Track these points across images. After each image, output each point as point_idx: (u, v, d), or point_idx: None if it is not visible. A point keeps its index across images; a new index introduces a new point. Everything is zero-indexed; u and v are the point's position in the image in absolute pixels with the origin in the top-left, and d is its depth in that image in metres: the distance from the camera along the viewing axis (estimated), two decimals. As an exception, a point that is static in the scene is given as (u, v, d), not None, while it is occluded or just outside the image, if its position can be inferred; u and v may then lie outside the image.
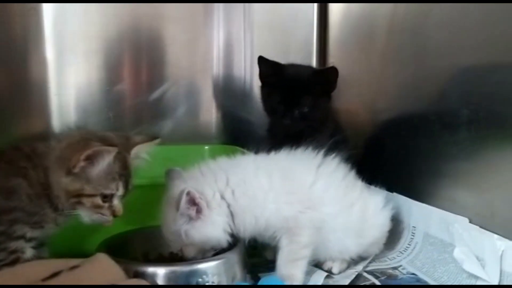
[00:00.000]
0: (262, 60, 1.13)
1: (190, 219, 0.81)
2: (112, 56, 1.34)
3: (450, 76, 0.93)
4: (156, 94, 1.39)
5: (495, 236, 0.77)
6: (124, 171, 0.80)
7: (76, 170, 0.75)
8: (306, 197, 0.87)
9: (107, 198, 0.79)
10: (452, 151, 0.90)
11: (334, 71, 1.12)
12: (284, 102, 1.08)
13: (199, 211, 0.81)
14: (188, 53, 1.41)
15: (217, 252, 0.85)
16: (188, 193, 0.79)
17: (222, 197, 0.84)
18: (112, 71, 1.35)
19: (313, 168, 0.91)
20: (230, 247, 0.85)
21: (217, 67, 1.44)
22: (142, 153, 0.86)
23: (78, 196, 0.77)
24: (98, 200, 0.78)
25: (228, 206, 0.84)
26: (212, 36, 1.42)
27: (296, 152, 0.94)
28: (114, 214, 0.80)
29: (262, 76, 1.15)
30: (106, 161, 0.76)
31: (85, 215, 0.79)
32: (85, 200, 0.77)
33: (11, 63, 1.24)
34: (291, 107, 1.08)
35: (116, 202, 0.80)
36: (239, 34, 1.45)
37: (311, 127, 1.09)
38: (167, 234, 0.85)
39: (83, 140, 0.78)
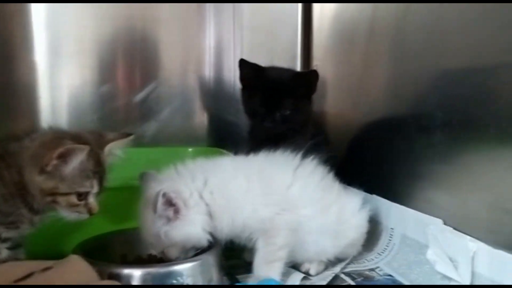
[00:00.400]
0: (243, 63, 1.14)
1: (169, 220, 0.81)
2: (103, 58, 1.35)
3: (427, 80, 0.93)
4: (140, 96, 1.39)
5: (468, 237, 0.78)
6: (97, 168, 0.80)
7: (49, 168, 0.75)
8: (283, 199, 0.88)
9: (82, 196, 0.78)
10: (428, 153, 0.91)
11: (314, 74, 1.13)
12: (265, 105, 1.09)
13: (176, 211, 0.81)
14: (178, 55, 1.43)
15: (197, 252, 0.85)
16: (164, 194, 0.79)
17: (201, 197, 0.85)
18: (101, 73, 1.35)
19: (290, 170, 0.92)
20: (207, 248, 0.86)
21: (206, 70, 1.45)
22: (116, 150, 0.86)
23: (52, 195, 0.77)
24: (73, 199, 0.78)
25: (207, 205, 0.85)
26: (203, 39, 1.43)
27: (275, 155, 0.94)
28: (90, 212, 0.80)
29: (242, 79, 1.15)
30: (78, 159, 0.76)
31: (63, 213, 0.79)
32: (60, 199, 0.77)
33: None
34: (272, 109, 1.08)
35: (91, 200, 0.80)
36: (229, 37, 1.46)
37: (292, 129, 1.09)
38: (147, 237, 0.85)
39: (55, 138, 0.77)
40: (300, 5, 1.46)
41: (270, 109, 1.08)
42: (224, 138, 1.44)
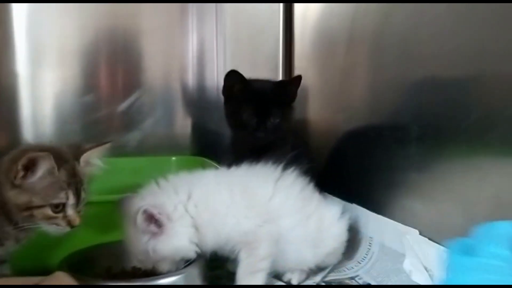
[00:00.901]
0: (232, 74, 1.14)
1: (153, 235, 0.83)
2: (85, 68, 1.37)
3: (402, 93, 0.97)
4: (124, 105, 1.41)
5: (442, 248, 0.81)
6: (72, 179, 0.79)
7: (18, 182, 0.75)
8: (264, 210, 0.90)
9: (58, 208, 0.78)
10: (404, 164, 0.94)
11: (298, 80, 1.15)
12: (257, 115, 1.10)
13: (160, 225, 0.83)
14: (160, 64, 1.44)
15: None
16: (145, 211, 0.81)
17: (186, 210, 0.86)
18: (84, 83, 1.36)
19: (271, 182, 0.94)
20: (191, 261, 0.87)
21: (188, 79, 1.47)
22: (94, 159, 0.85)
23: (28, 209, 0.76)
24: (48, 211, 0.77)
25: (192, 218, 0.86)
26: (186, 48, 1.45)
27: (256, 167, 0.96)
28: (70, 224, 0.79)
29: (229, 91, 1.16)
30: (44, 167, 0.75)
31: (43, 227, 0.79)
32: (36, 212, 0.76)
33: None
34: (263, 119, 1.10)
35: (70, 212, 0.79)
36: (211, 46, 1.48)
37: (279, 138, 1.12)
38: (136, 255, 0.86)
39: (22, 151, 0.77)
40: (281, 15, 1.48)
41: (261, 119, 1.10)
42: (207, 146, 1.46)
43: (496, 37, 0.74)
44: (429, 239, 0.86)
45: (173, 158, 1.41)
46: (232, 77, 1.14)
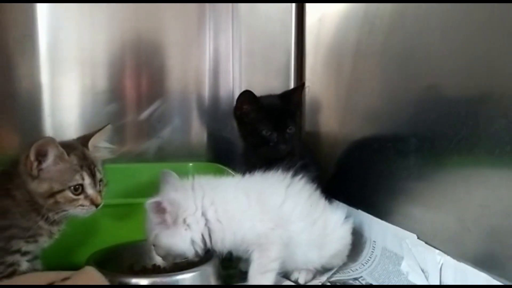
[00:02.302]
0: (246, 94, 1.19)
1: (162, 225, 0.91)
2: (110, 78, 1.45)
3: (402, 108, 1.04)
4: (144, 114, 1.49)
5: (436, 251, 0.88)
6: (84, 162, 0.87)
7: (34, 172, 0.83)
8: (276, 215, 0.97)
9: (78, 190, 0.86)
10: (404, 174, 1.01)
11: (300, 88, 1.25)
12: (275, 129, 1.17)
13: (169, 221, 0.91)
14: (179, 77, 1.52)
15: (194, 263, 0.95)
16: (160, 203, 0.89)
17: (203, 214, 0.94)
18: (108, 93, 1.45)
19: (283, 189, 1.02)
20: (206, 259, 0.95)
21: (205, 90, 1.55)
22: (100, 143, 0.94)
23: (51, 196, 0.84)
24: (69, 194, 0.85)
25: (206, 223, 0.94)
26: (203, 62, 1.53)
27: (268, 175, 1.04)
28: (94, 203, 0.87)
29: (239, 111, 1.22)
30: (53, 152, 0.83)
31: (72, 212, 0.87)
32: (59, 197, 0.84)
33: (7, 86, 1.34)
34: (282, 131, 1.18)
35: (90, 191, 0.87)
36: (227, 59, 1.56)
37: (293, 146, 1.19)
38: (145, 225, 0.94)
39: (29, 145, 0.84)
40: (293, 29, 1.56)
41: (280, 132, 1.17)
42: (222, 153, 1.53)
43: (484, 61, 0.81)
44: (426, 243, 0.92)
45: (190, 164, 1.49)
46: (246, 97, 1.20)
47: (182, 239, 0.92)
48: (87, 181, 0.87)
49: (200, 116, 1.56)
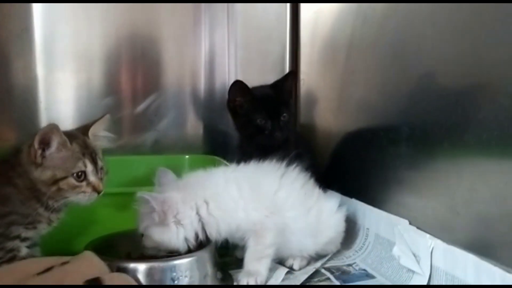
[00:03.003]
0: (238, 85, 1.22)
1: (153, 220, 0.93)
2: (106, 72, 1.46)
3: (393, 98, 1.06)
4: (141, 107, 1.51)
5: (427, 235, 0.90)
6: (85, 150, 0.90)
7: (38, 160, 0.85)
8: (271, 203, 0.99)
9: (80, 177, 0.88)
10: (396, 162, 1.03)
11: (291, 75, 1.27)
12: (269, 117, 1.19)
13: (162, 218, 0.93)
14: (175, 70, 1.53)
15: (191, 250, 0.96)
16: (155, 199, 0.91)
17: (197, 212, 0.96)
18: (102, 86, 1.46)
19: (277, 178, 1.04)
20: (203, 245, 0.97)
21: (200, 83, 1.56)
22: (100, 132, 0.96)
23: (54, 183, 0.86)
24: (72, 181, 0.87)
25: (200, 219, 0.96)
26: (198, 55, 1.55)
27: (262, 164, 1.06)
28: (95, 190, 0.90)
29: (234, 103, 1.24)
30: (56, 140, 0.85)
31: (74, 199, 0.89)
32: (62, 184, 0.86)
33: (4, 79, 1.36)
34: (276, 119, 1.20)
35: (92, 178, 0.89)
36: (223, 53, 1.57)
37: (288, 134, 1.21)
38: (137, 219, 0.96)
39: (32, 135, 0.86)
40: (288, 23, 1.59)
41: (274, 120, 1.20)
42: (217, 146, 1.55)
43: (473, 50, 0.83)
44: (418, 228, 0.94)
45: (186, 156, 1.51)
46: (238, 89, 1.23)
47: (174, 236, 0.94)
48: (89, 168, 0.89)
49: (196, 109, 1.57)
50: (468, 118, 0.82)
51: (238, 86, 1.22)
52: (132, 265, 0.89)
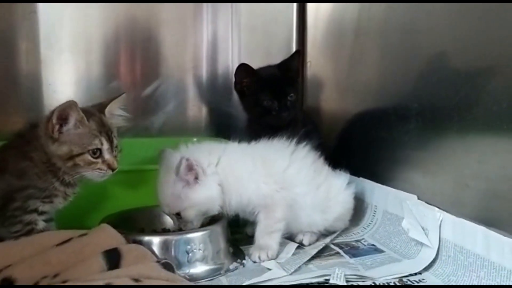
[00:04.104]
0: (243, 68, 1.24)
1: (188, 183, 0.94)
2: (107, 55, 1.47)
3: (403, 76, 1.08)
4: (148, 91, 1.52)
5: (436, 209, 0.92)
6: (102, 128, 0.91)
7: (56, 134, 0.87)
8: (281, 179, 1.01)
9: (96, 154, 0.90)
10: (404, 139, 1.05)
11: (297, 55, 1.27)
12: (275, 98, 1.21)
13: (196, 177, 0.94)
14: (179, 54, 1.54)
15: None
16: (188, 160, 0.92)
17: (216, 171, 0.97)
18: (106, 69, 1.47)
19: (287, 155, 1.06)
20: (215, 221, 0.99)
21: (205, 66, 1.57)
22: (115, 111, 0.97)
23: (70, 159, 0.88)
24: (88, 157, 0.89)
25: (219, 178, 0.97)
26: (201, 37, 1.56)
27: (273, 142, 1.08)
28: (110, 168, 0.91)
29: (239, 85, 1.26)
30: (74, 116, 0.87)
31: (89, 175, 0.91)
32: (78, 160, 0.88)
33: (10, 61, 1.37)
34: (282, 99, 1.21)
35: (107, 156, 0.91)
36: (227, 36, 1.58)
37: (296, 113, 1.23)
38: (166, 200, 0.96)
39: (51, 111, 0.88)
40: (295, 5, 1.59)
41: (280, 100, 1.21)
42: (223, 129, 1.56)
43: (484, 26, 0.84)
44: (426, 202, 0.96)
45: (194, 139, 1.51)
46: (243, 71, 1.24)
47: (211, 190, 0.95)
48: (105, 146, 0.91)
49: (201, 93, 1.58)
50: (478, 90, 0.84)
51: (243, 68, 1.24)
52: (147, 238, 0.91)
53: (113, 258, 0.79)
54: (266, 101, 1.21)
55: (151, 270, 0.77)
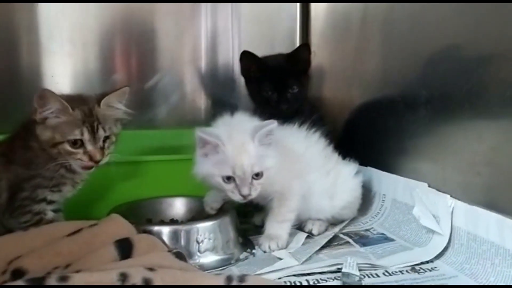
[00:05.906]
0: (246, 55, 1.24)
1: (270, 145, 0.91)
2: (109, 48, 1.47)
3: (411, 64, 1.07)
4: (150, 83, 1.51)
5: (448, 196, 0.92)
6: (88, 118, 0.88)
7: (38, 116, 0.86)
8: (296, 166, 1.00)
9: (77, 144, 0.88)
10: (413, 127, 1.04)
11: (305, 48, 1.25)
12: (276, 89, 1.20)
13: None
14: (178, 44, 1.54)
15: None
16: (272, 124, 0.90)
17: None
18: (109, 62, 1.47)
19: (302, 140, 1.05)
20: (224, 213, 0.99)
21: (206, 57, 1.57)
22: (115, 103, 0.94)
23: (54, 146, 0.87)
24: (67, 147, 0.87)
25: None
26: (201, 29, 1.55)
27: (286, 128, 1.06)
28: (92, 159, 0.89)
29: (245, 72, 1.26)
30: (52, 103, 0.85)
31: (72, 163, 0.89)
32: (60, 149, 0.87)
33: (12, 53, 1.36)
34: (283, 92, 1.20)
35: (90, 147, 0.88)
36: (227, 26, 1.57)
37: (300, 106, 1.22)
38: (250, 160, 0.89)
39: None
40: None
41: (280, 92, 1.20)
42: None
43: (496, 14, 0.83)
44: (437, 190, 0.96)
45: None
46: (246, 58, 1.24)
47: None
48: (86, 137, 0.88)
49: (204, 84, 1.57)
50: (490, 75, 0.83)
51: (247, 55, 1.23)
52: (156, 228, 0.90)
53: (124, 248, 0.78)
54: (265, 92, 1.21)
55: (163, 259, 0.76)
